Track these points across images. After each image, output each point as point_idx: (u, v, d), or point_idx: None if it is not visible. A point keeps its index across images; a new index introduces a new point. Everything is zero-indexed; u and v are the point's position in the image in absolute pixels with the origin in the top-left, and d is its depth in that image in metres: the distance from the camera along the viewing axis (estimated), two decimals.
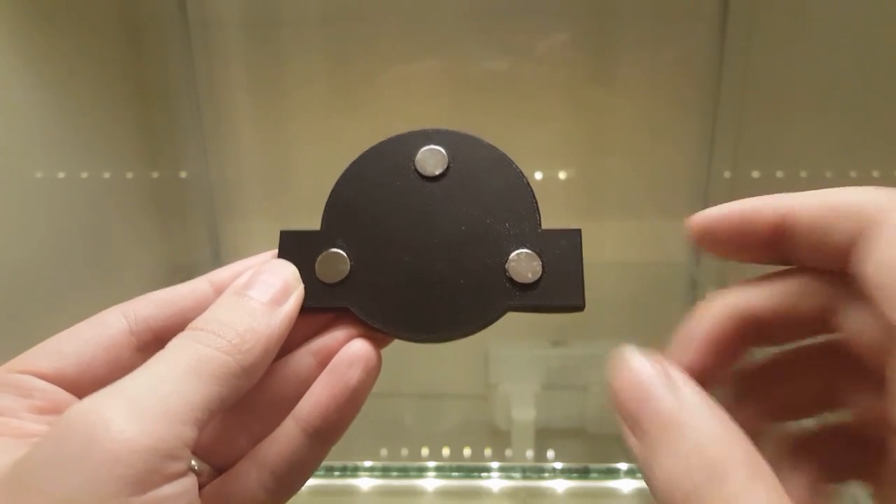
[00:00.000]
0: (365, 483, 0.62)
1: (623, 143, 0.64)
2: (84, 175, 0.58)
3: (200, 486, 0.23)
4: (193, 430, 0.19)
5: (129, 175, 0.64)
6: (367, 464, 0.63)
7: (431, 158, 0.25)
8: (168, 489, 0.18)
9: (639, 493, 0.59)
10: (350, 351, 0.23)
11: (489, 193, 0.25)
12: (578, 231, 0.24)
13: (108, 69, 0.62)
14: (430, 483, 0.62)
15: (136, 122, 0.65)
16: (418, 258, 0.24)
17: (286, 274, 0.24)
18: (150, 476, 0.18)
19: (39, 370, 0.22)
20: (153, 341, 0.23)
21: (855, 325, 0.19)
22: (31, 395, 0.21)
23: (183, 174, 0.67)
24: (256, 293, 0.23)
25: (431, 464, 0.63)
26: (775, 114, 0.61)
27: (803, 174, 0.62)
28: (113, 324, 0.23)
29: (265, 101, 0.66)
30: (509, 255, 0.24)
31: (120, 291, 0.24)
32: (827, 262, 0.19)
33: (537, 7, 0.60)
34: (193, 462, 0.21)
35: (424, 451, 0.67)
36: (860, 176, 0.62)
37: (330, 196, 0.25)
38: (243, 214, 0.68)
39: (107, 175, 0.61)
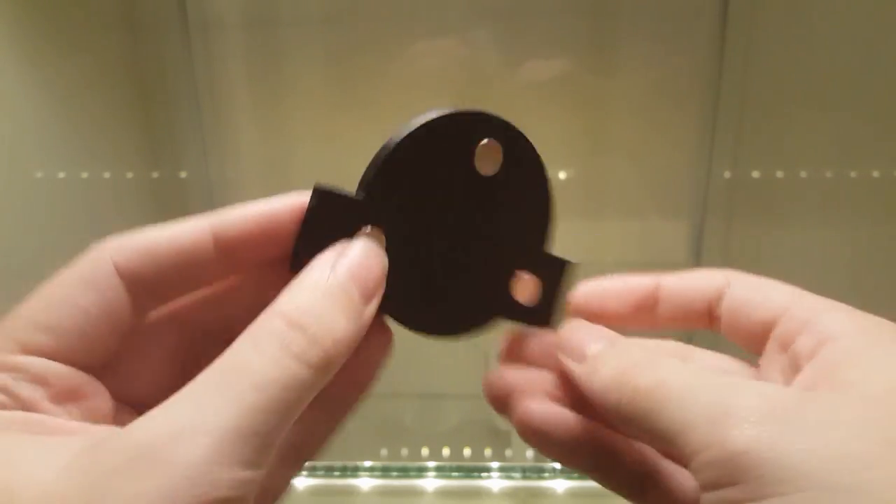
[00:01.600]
0: (365, 483, 0.62)
1: (623, 143, 0.64)
2: (84, 175, 0.58)
3: None
4: (265, 465, 0.17)
5: (129, 175, 0.64)
6: (367, 464, 0.63)
7: (489, 158, 0.24)
8: None
9: None
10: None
11: (521, 205, 0.25)
12: (574, 265, 0.26)
13: (108, 69, 0.62)
14: (430, 483, 0.62)
15: (136, 122, 0.65)
16: (440, 253, 0.24)
17: (379, 269, 0.21)
18: None
19: (46, 349, 0.19)
20: (147, 298, 0.21)
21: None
22: (46, 382, 0.19)
23: (183, 174, 0.67)
24: (355, 286, 0.20)
25: (431, 464, 0.63)
26: (775, 113, 0.61)
27: (803, 174, 0.62)
28: (109, 285, 0.21)
29: (265, 101, 0.66)
30: (515, 274, 0.25)
31: None
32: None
33: (537, 7, 0.60)
34: None
35: (424, 451, 0.67)
36: (860, 176, 0.62)
37: (382, 163, 0.22)
38: None
39: (107, 175, 0.61)
